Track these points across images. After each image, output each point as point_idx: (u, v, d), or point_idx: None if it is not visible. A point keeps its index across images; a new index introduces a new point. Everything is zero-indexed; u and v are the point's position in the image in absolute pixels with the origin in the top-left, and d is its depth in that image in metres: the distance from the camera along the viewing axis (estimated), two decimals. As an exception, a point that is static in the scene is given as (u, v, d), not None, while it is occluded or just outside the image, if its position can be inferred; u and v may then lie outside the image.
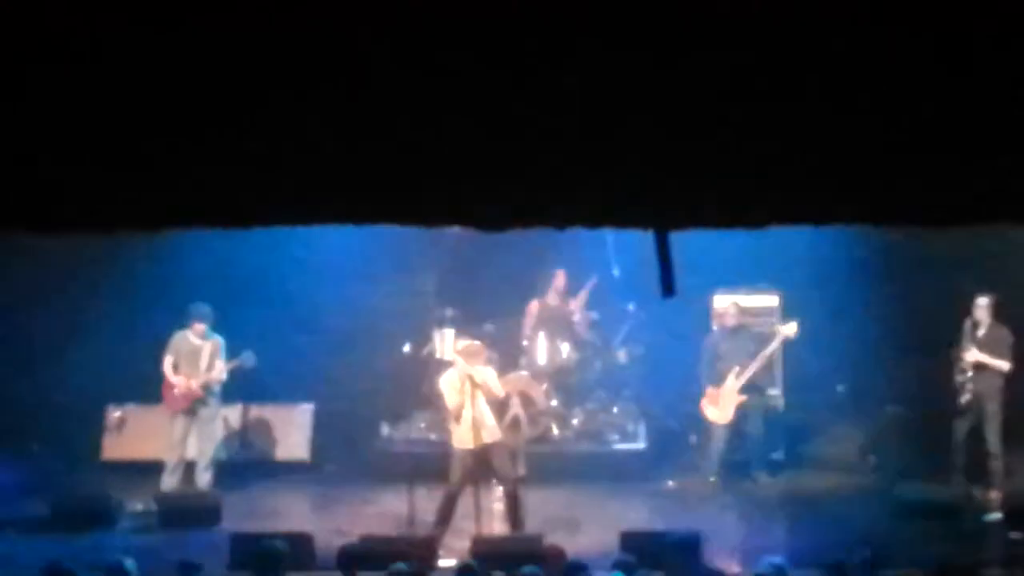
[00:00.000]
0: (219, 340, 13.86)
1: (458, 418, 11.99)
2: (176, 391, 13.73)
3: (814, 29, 5.40)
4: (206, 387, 13.80)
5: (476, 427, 11.92)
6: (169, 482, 13.75)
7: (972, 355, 13.12)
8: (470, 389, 11.91)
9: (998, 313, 13.20)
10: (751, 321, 14.62)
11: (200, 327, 13.74)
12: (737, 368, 14.07)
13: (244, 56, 5.58)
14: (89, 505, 13.15)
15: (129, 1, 5.51)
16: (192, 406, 13.79)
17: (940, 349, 13.51)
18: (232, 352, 13.85)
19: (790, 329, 14.08)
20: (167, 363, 13.82)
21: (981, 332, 13.19)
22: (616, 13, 5.40)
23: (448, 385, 12.08)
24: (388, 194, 5.86)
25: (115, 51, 5.55)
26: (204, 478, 13.90)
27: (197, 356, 13.79)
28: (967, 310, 13.24)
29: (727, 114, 5.55)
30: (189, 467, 13.91)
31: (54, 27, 5.52)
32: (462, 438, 12.02)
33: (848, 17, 5.39)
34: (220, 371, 13.80)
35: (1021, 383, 13.23)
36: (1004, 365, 13.13)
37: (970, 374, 13.14)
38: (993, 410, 13.17)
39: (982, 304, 13.16)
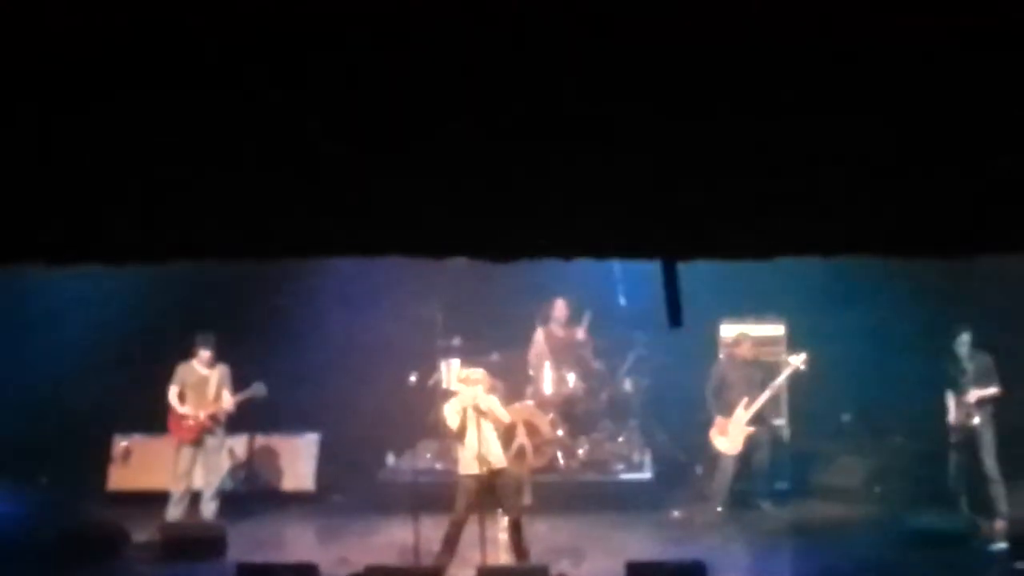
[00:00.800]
0: (226, 369, 13.85)
1: (464, 445, 11.97)
2: (185, 422, 13.71)
3: (824, 60, 5.43)
4: (214, 418, 13.79)
5: (481, 455, 11.89)
6: (174, 513, 13.72)
7: (971, 395, 13.25)
8: (475, 417, 11.89)
9: (976, 343, 13.38)
10: (760, 351, 14.61)
11: (205, 356, 13.74)
12: (746, 399, 14.06)
13: (246, 87, 5.60)
14: (95, 536, 13.12)
15: (132, 48, 5.55)
16: (199, 436, 13.78)
17: (944, 379, 13.53)
18: (238, 381, 13.85)
19: (799, 360, 14.07)
20: (173, 393, 13.80)
21: (969, 367, 13.32)
22: (625, 43, 5.42)
23: (451, 413, 12.07)
24: (395, 226, 5.88)
25: (121, 82, 5.58)
26: (209, 508, 13.87)
27: (204, 386, 13.77)
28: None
29: (733, 146, 5.58)
30: (195, 498, 13.88)
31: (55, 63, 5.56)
32: (467, 466, 12.00)
33: (856, 48, 5.42)
34: (229, 402, 13.78)
35: (1011, 410, 13.30)
36: (994, 390, 13.32)
37: (974, 413, 13.27)
38: (988, 438, 13.31)
39: (964, 340, 13.37)
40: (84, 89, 5.57)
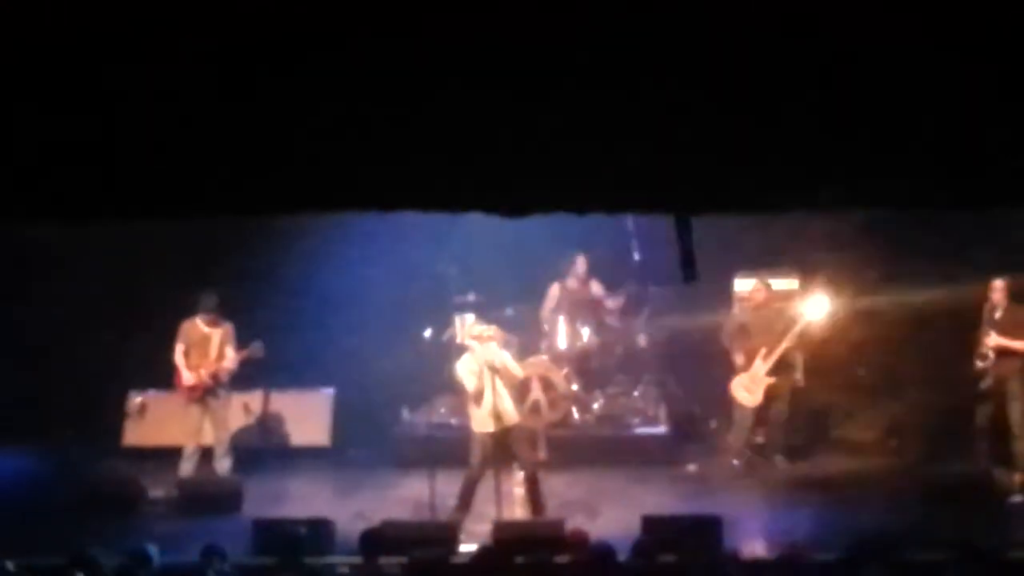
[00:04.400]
0: (229, 327, 13.83)
1: (478, 403, 11.98)
2: (186, 380, 13.72)
3: (833, 14, 5.39)
4: (215, 376, 13.78)
5: (496, 411, 11.91)
6: (186, 468, 13.76)
7: (992, 339, 13.05)
8: (488, 374, 11.89)
9: (1015, 294, 13.13)
10: (776, 302, 14.47)
11: (209, 315, 13.72)
12: (765, 349, 13.93)
13: (258, 43, 5.57)
14: (111, 491, 13.19)
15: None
16: (202, 395, 13.78)
17: (962, 330, 13.43)
18: (252, 337, 13.82)
19: (821, 308, 13.86)
20: (178, 351, 13.80)
21: (999, 315, 13.10)
22: (636, 4, 5.39)
23: (465, 370, 12.06)
24: (410, 180, 5.86)
25: (134, 45, 5.56)
26: (223, 465, 13.89)
27: (207, 344, 13.75)
28: (985, 293, 13.17)
29: (746, 99, 5.54)
30: (207, 453, 13.92)
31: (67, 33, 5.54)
32: (482, 422, 12.01)
33: (865, 7, 5.38)
34: (231, 360, 13.77)
35: None
36: (1021, 345, 13.06)
37: (991, 358, 13.07)
38: (1015, 391, 13.10)
39: (998, 287, 13.08)
40: (94, 42, 5.55)
